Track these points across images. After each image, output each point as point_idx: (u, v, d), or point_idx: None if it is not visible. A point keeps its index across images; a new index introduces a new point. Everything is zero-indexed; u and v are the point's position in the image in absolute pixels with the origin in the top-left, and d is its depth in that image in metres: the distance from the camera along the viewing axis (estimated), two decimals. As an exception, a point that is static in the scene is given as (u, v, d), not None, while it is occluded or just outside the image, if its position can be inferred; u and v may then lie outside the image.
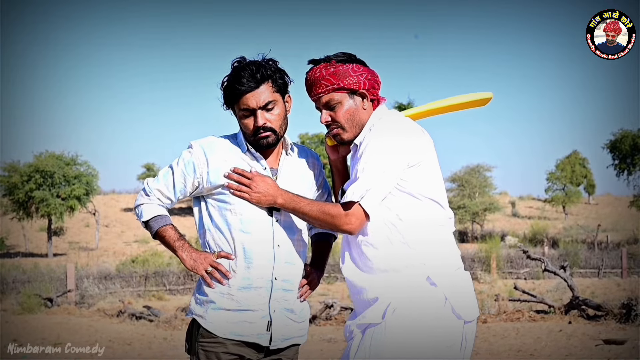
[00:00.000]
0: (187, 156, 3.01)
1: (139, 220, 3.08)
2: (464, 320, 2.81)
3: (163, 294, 18.71)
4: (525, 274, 21.86)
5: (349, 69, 2.88)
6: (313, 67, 2.93)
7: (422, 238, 2.82)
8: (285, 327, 2.99)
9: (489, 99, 3.17)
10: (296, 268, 3.03)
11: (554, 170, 52.14)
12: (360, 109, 2.91)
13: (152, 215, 3.02)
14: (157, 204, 3.04)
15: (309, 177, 3.13)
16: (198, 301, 2.99)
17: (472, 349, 2.91)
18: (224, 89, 2.96)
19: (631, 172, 40.93)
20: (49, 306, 15.03)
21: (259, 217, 2.95)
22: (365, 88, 2.90)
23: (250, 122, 2.94)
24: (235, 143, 3.04)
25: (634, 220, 40.31)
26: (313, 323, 11.90)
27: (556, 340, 9.25)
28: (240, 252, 2.93)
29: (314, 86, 2.91)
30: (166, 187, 3.03)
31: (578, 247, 24.69)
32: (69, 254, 38.61)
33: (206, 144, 3.02)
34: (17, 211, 38.89)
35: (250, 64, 2.93)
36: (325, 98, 2.90)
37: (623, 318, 10.42)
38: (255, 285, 2.93)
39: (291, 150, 3.10)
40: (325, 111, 2.92)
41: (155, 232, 3.02)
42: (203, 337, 2.93)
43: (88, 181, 39.43)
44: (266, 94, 2.93)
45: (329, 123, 2.92)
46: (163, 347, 10.04)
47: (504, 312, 11.90)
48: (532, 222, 43.53)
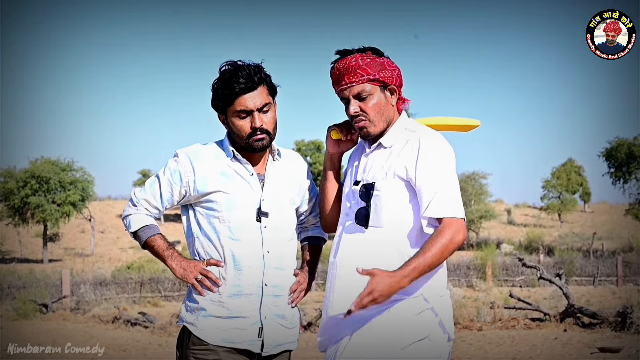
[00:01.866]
0: (173, 165, 3.00)
1: (128, 231, 3.08)
2: (448, 336, 2.81)
3: (158, 301, 18.68)
4: (521, 281, 21.87)
5: (385, 62, 2.84)
6: (345, 56, 2.85)
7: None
8: (276, 333, 2.97)
9: (475, 126, 3.19)
10: (286, 273, 3.02)
11: (549, 178, 52.26)
12: (389, 104, 2.87)
13: (141, 226, 3.03)
14: (145, 214, 3.04)
15: (296, 182, 3.12)
16: (189, 308, 2.97)
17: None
18: (219, 90, 2.93)
19: (627, 180, 41.02)
20: (44, 312, 14.99)
21: (248, 224, 2.94)
22: (396, 84, 2.87)
23: (246, 124, 2.93)
24: (222, 150, 3.03)
25: (630, 228, 40.39)
26: (309, 330, 11.89)
27: (551, 348, 9.25)
28: (230, 259, 2.92)
29: (347, 75, 2.82)
30: (153, 197, 3.03)
31: (573, 255, 24.68)
32: (64, 259, 38.54)
33: (192, 152, 3.01)
34: (12, 217, 38.85)
35: (246, 65, 2.92)
36: (358, 88, 2.82)
37: (618, 326, 10.42)
38: (246, 292, 2.92)
39: (278, 155, 3.09)
40: (354, 101, 2.84)
41: (144, 242, 3.03)
42: (194, 345, 2.91)
43: (84, 187, 39.40)
44: (263, 96, 2.93)
45: (357, 114, 2.84)
46: (158, 354, 10.02)
47: (500, 320, 11.90)
48: (527, 230, 43.55)
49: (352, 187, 2.91)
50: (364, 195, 2.83)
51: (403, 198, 2.79)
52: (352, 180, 2.93)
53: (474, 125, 3.18)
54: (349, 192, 2.93)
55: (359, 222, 2.82)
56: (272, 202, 3.00)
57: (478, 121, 3.18)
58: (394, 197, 2.79)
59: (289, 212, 3.08)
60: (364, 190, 2.82)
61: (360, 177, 2.89)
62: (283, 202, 3.04)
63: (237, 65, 2.93)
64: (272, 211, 2.99)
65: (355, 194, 2.88)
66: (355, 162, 2.98)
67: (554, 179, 52.00)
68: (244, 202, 2.95)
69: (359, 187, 2.86)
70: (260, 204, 2.97)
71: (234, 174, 2.98)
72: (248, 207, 2.96)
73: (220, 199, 2.94)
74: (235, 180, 2.97)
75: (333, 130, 2.99)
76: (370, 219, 2.80)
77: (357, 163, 2.95)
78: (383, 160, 2.85)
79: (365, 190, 2.82)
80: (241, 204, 2.95)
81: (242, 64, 2.93)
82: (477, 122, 3.18)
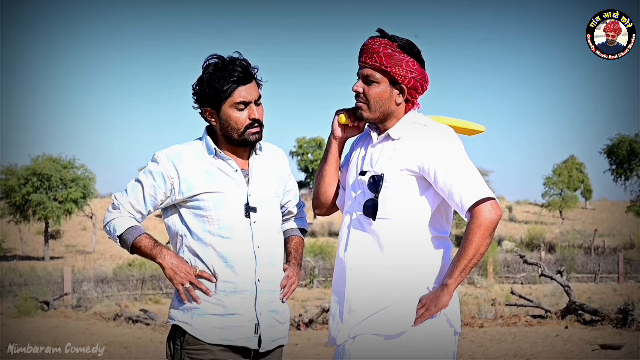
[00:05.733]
0: (155, 168, 2.95)
1: (111, 238, 2.96)
2: (454, 330, 2.82)
3: (160, 298, 18.69)
4: (522, 278, 21.88)
5: (405, 61, 2.82)
6: (377, 37, 2.85)
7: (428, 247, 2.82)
8: (271, 328, 2.96)
9: (479, 131, 3.19)
10: (277, 268, 3.00)
11: (551, 175, 52.23)
12: (392, 100, 2.85)
13: (126, 227, 2.94)
14: (129, 217, 2.97)
15: (278, 175, 3.10)
16: (180, 307, 2.92)
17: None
18: (214, 82, 2.88)
19: (628, 177, 40.98)
20: (45, 309, 15.01)
21: (237, 221, 2.91)
22: (408, 85, 2.84)
23: (243, 115, 2.90)
24: (202, 148, 2.99)
25: (631, 225, 40.39)
26: (310, 327, 11.89)
27: (553, 345, 9.26)
28: (221, 258, 2.89)
29: (366, 54, 2.83)
30: (136, 201, 2.96)
31: (575, 252, 24.70)
32: (65, 257, 38.59)
33: (172, 153, 2.96)
34: (14, 214, 38.86)
35: (236, 59, 2.90)
36: (368, 71, 2.83)
37: (619, 323, 10.44)
38: (241, 289, 2.89)
39: (259, 149, 3.06)
40: (360, 82, 2.86)
41: (131, 245, 2.93)
42: (189, 344, 2.88)
43: (85, 184, 39.41)
44: (256, 89, 2.93)
45: (358, 94, 2.87)
46: (159, 351, 10.02)
47: (501, 317, 11.91)
48: (529, 227, 43.58)
49: (357, 177, 2.90)
50: (372, 187, 2.82)
51: (412, 191, 2.80)
52: (357, 170, 2.92)
53: (478, 131, 3.18)
54: (354, 182, 2.92)
55: (367, 213, 2.82)
56: (259, 196, 2.98)
57: (483, 127, 3.18)
58: (402, 190, 2.79)
59: (275, 205, 3.06)
60: (372, 181, 2.82)
61: (366, 167, 2.88)
62: (269, 196, 3.02)
63: (228, 57, 2.91)
64: (259, 206, 2.96)
65: (361, 184, 2.87)
66: (361, 152, 2.96)
67: (555, 176, 51.96)
68: (231, 199, 2.92)
69: (366, 178, 2.85)
70: (247, 200, 2.95)
71: (218, 172, 2.95)
72: (236, 204, 2.93)
73: (207, 198, 2.91)
74: (220, 178, 2.94)
75: (341, 114, 2.97)
76: (378, 211, 2.80)
77: (364, 153, 2.93)
78: (391, 151, 2.84)
79: (374, 181, 2.81)
80: (229, 202, 2.92)
81: (232, 58, 2.91)
82: (482, 127, 3.18)
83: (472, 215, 2.71)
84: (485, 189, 2.73)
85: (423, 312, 2.73)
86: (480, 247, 2.70)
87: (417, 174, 2.78)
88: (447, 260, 2.84)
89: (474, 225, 2.69)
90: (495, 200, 2.73)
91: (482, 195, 2.70)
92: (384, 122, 2.88)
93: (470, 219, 2.71)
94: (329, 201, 3.07)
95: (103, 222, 3.01)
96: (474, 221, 2.70)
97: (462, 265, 2.71)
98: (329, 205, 3.08)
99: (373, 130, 2.93)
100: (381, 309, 2.77)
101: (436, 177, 2.75)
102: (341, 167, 3.07)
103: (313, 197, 3.14)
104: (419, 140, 2.80)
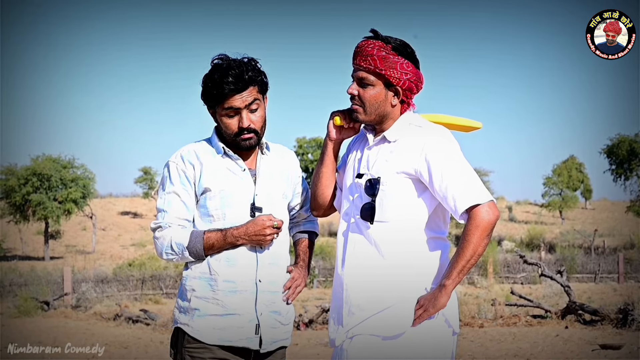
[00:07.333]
0: (176, 171, 2.97)
1: (179, 258, 2.90)
2: (453, 330, 2.82)
3: (160, 298, 18.70)
4: (522, 278, 21.89)
5: (399, 63, 2.81)
6: (371, 38, 2.84)
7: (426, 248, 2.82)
8: (273, 329, 2.95)
9: (476, 128, 3.19)
10: (280, 268, 3.00)
11: (550, 175, 52.22)
12: (388, 102, 2.85)
13: (187, 237, 2.89)
14: (181, 229, 2.93)
15: (287, 176, 3.10)
16: (182, 309, 2.94)
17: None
18: (208, 88, 2.91)
19: (628, 177, 40.99)
20: (45, 309, 15.02)
21: (242, 220, 2.91)
22: (403, 87, 2.83)
23: (233, 122, 2.91)
24: (211, 147, 3.01)
25: (631, 225, 40.39)
26: (310, 327, 11.89)
27: (553, 345, 9.26)
28: (224, 256, 2.90)
29: (360, 56, 2.82)
30: (179, 210, 2.93)
31: (575, 252, 24.70)
32: (65, 257, 38.59)
33: (185, 153, 2.99)
34: (14, 214, 38.88)
35: (236, 64, 2.89)
36: (362, 74, 2.82)
37: (619, 323, 10.44)
38: (240, 289, 2.89)
39: (267, 149, 3.06)
40: (355, 84, 2.86)
41: (202, 248, 2.88)
42: (189, 343, 2.89)
43: (85, 184, 39.43)
44: (252, 95, 2.91)
45: (353, 96, 2.86)
46: (160, 351, 10.02)
47: (501, 317, 11.91)
48: (529, 227, 43.55)
49: (354, 179, 2.90)
50: (368, 190, 2.81)
51: (409, 193, 2.80)
52: (354, 172, 2.92)
53: (475, 127, 3.18)
54: (352, 185, 2.91)
55: (365, 217, 2.81)
56: (265, 196, 2.98)
57: (480, 123, 3.19)
58: (399, 193, 2.79)
59: (282, 206, 3.06)
60: (369, 184, 2.81)
61: (363, 170, 2.87)
62: (276, 196, 3.03)
63: (228, 62, 2.90)
64: (265, 206, 2.97)
65: (358, 188, 2.87)
66: (357, 154, 2.96)
67: (555, 176, 51.95)
68: (238, 198, 2.94)
69: (363, 181, 2.85)
70: (254, 199, 2.96)
71: (226, 171, 2.96)
72: (242, 204, 2.94)
73: (214, 196, 2.93)
74: (228, 177, 2.95)
75: (337, 116, 2.96)
76: (375, 214, 2.80)
77: (360, 155, 2.93)
78: (388, 154, 2.83)
79: (371, 185, 2.81)
80: (235, 201, 2.93)
81: (234, 62, 2.90)
82: (479, 123, 3.19)
83: (469, 216, 2.71)
84: (480, 193, 2.73)
85: (421, 313, 2.73)
86: (478, 248, 2.70)
87: (414, 176, 2.79)
88: (445, 260, 2.84)
89: (472, 226, 2.70)
90: (492, 200, 2.73)
91: (476, 200, 2.71)
92: (380, 123, 2.88)
93: (468, 220, 2.72)
94: (327, 202, 3.06)
95: (159, 251, 2.96)
96: (471, 222, 2.70)
97: (460, 266, 2.71)
98: (326, 206, 3.08)
99: (369, 132, 2.93)
100: (380, 310, 2.76)
101: (432, 179, 2.75)
102: (338, 168, 3.06)
103: (310, 199, 3.13)
104: (415, 142, 2.80)
